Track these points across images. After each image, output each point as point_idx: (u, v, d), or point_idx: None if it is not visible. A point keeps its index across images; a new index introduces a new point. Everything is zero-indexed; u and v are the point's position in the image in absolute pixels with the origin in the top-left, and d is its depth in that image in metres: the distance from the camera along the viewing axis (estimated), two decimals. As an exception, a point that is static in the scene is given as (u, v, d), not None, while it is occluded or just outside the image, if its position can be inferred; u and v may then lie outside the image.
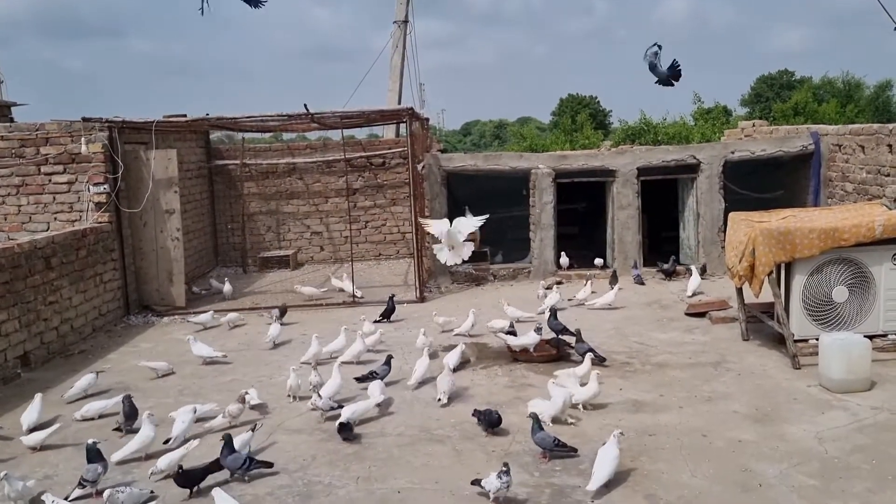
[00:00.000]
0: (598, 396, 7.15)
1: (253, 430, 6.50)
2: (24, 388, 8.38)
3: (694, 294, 11.35)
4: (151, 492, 5.73)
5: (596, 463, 5.64)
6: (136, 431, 6.75)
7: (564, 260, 13.26)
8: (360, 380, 7.95)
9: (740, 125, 16.32)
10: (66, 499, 5.66)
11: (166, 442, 6.56)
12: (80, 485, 5.76)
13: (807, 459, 5.90)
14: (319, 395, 7.12)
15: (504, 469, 5.35)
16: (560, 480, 5.75)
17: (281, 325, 10.26)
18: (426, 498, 5.56)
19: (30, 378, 8.86)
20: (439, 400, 7.46)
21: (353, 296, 12.25)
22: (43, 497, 5.38)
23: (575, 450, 6.11)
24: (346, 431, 6.60)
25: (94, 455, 5.84)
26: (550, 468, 5.95)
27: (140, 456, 6.39)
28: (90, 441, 5.95)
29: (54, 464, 6.47)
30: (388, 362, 8.08)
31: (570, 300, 11.37)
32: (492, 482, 5.34)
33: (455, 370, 8.17)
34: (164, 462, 6.04)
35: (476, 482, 5.45)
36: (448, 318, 10.27)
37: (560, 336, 8.92)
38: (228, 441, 5.98)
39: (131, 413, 7.04)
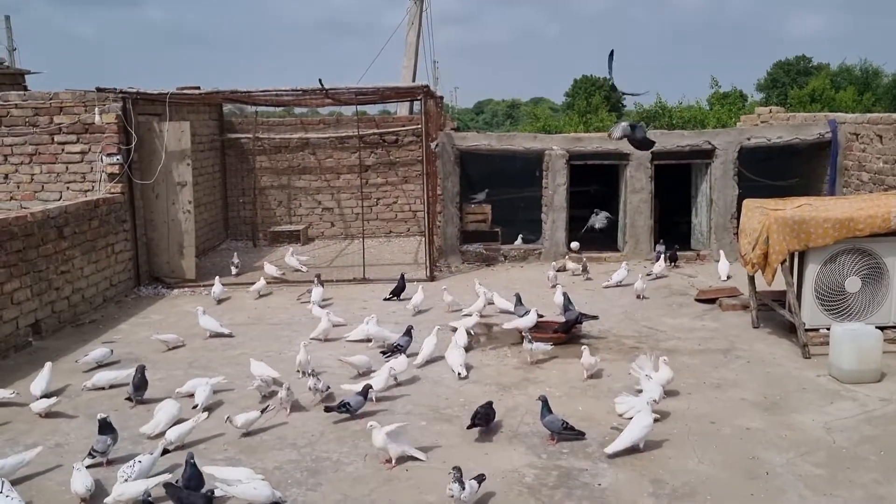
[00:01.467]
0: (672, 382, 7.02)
1: (262, 411, 6.44)
2: (36, 356, 8.44)
3: (729, 277, 11.39)
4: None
5: (626, 428, 5.86)
6: (145, 402, 6.81)
7: (575, 244, 13.20)
8: (385, 353, 8.10)
9: (757, 111, 16.17)
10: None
11: (194, 407, 6.72)
12: (91, 455, 5.81)
13: (814, 449, 5.90)
14: (317, 378, 7.03)
15: (456, 475, 5.06)
16: (567, 463, 5.77)
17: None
18: (433, 477, 5.58)
19: (41, 346, 8.92)
20: (459, 375, 7.59)
21: (298, 270, 12.50)
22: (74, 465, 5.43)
23: (583, 433, 6.13)
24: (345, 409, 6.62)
25: (104, 427, 5.89)
26: (558, 450, 5.97)
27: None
28: (101, 415, 5.99)
29: (66, 432, 6.53)
30: (408, 332, 8.22)
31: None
32: (453, 488, 5.06)
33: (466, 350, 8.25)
34: (173, 434, 6.09)
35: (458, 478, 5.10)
36: (456, 297, 10.27)
37: (578, 322, 8.88)
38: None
39: (141, 384, 7.08)
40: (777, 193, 10.56)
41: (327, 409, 6.70)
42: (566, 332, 8.72)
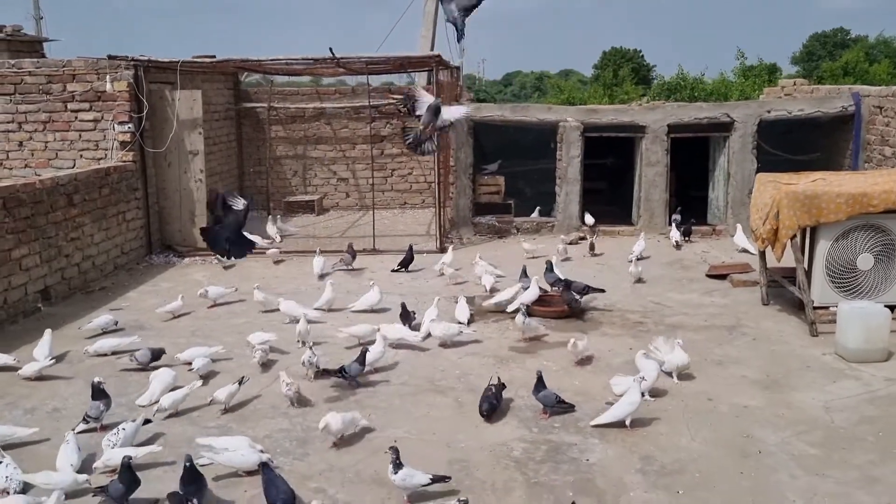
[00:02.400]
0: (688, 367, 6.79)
1: (240, 382, 6.32)
2: (44, 322, 8.52)
3: (745, 250, 11.21)
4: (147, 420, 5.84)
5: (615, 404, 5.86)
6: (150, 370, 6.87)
7: (590, 218, 13.03)
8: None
9: (780, 84, 15.79)
10: (72, 430, 5.79)
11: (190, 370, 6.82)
12: (84, 420, 5.87)
13: (811, 428, 5.79)
14: (312, 351, 6.98)
15: (394, 457, 4.89)
16: (557, 437, 5.72)
17: (348, 269, 10.83)
18: (421, 448, 5.57)
19: (50, 312, 9.03)
20: (460, 323, 7.92)
21: (273, 239, 12.51)
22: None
23: (573, 406, 6.10)
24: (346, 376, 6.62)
25: (97, 393, 5.94)
26: (549, 424, 5.92)
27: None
28: (95, 379, 6.04)
29: (64, 397, 6.61)
30: (404, 310, 8.22)
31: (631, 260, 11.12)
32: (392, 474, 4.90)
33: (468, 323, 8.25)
34: (167, 400, 6.13)
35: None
36: (459, 270, 10.21)
37: (584, 293, 8.78)
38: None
39: (157, 356, 7.15)
40: (797, 168, 10.30)
41: (326, 373, 6.71)
42: (570, 306, 8.63)
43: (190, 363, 7.02)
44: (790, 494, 4.88)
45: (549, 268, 9.26)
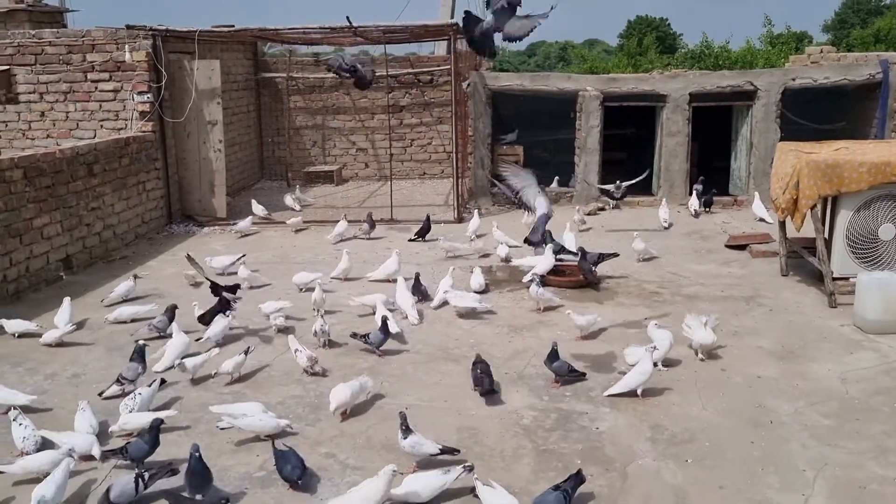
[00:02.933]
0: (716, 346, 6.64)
1: (246, 353, 6.31)
2: (66, 290, 8.64)
3: (761, 220, 11.23)
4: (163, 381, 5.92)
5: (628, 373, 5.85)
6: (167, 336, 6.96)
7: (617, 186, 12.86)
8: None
9: (807, 51, 15.47)
10: (99, 395, 5.90)
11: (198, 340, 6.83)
12: (119, 382, 5.92)
13: (825, 399, 5.74)
14: (323, 320, 7.01)
15: (403, 423, 4.90)
16: (568, 406, 5.72)
17: (367, 238, 10.93)
18: (433, 415, 5.61)
19: (71, 281, 9.17)
20: (476, 290, 8.16)
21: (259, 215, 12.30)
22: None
23: (584, 374, 6.12)
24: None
25: (139, 355, 6.04)
26: (561, 393, 5.93)
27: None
28: (140, 341, 6.20)
29: (84, 363, 6.71)
30: (417, 281, 8.25)
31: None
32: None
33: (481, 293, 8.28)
34: (189, 363, 6.19)
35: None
36: (454, 243, 10.23)
37: (600, 260, 8.74)
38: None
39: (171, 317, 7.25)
40: (822, 137, 10.12)
41: (353, 336, 6.80)
42: (586, 276, 8.60)
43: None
44: (801, 464, 4.85)
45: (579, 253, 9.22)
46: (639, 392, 5.75)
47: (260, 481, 4.79)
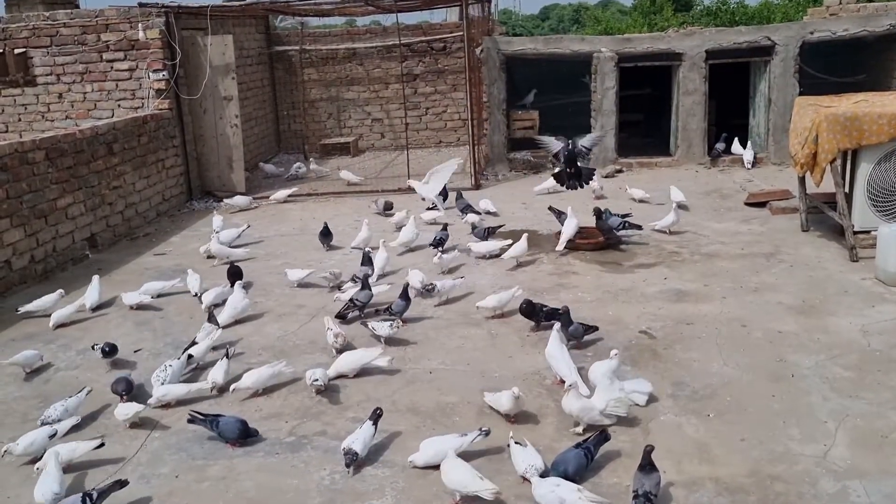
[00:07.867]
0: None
1: (227, 356, 5.82)
2: (92, 268, 8.83)
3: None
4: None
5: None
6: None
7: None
8: (433, 245, 8.68)
9: (825, 3, 15.17)
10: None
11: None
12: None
13: (846, 352, 5.76)
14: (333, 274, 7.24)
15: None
16: (589, 365, 5.77)
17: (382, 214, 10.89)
18: (456, 378, 5.70)
19: (97, 259, 9.33)
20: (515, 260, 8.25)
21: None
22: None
23: (597, 327, 6.25)
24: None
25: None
26: (581, 354, 5.95)
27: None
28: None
29: (114, 338, 6.84)
30: (445, 228, 8.86)
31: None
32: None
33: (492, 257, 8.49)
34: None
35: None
36: (432, 213, 10.28)
37: (618, 229, 8.73)
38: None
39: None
40: (842, 90, 9.98)
41: (377, 313, 6.93)
42: (607, 237, 8.63)
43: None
44: (821, 415, 4.90)
45: (459, 195, 10.13)
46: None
47: (290, 446, 4.92)
